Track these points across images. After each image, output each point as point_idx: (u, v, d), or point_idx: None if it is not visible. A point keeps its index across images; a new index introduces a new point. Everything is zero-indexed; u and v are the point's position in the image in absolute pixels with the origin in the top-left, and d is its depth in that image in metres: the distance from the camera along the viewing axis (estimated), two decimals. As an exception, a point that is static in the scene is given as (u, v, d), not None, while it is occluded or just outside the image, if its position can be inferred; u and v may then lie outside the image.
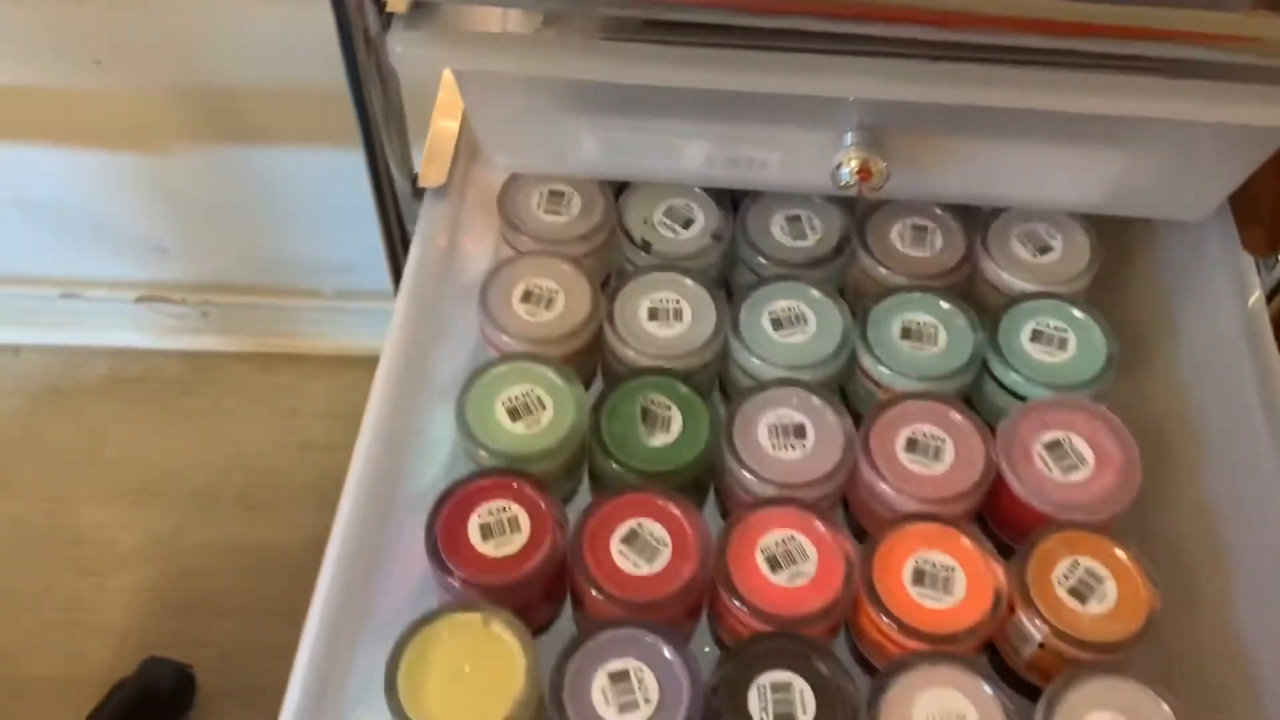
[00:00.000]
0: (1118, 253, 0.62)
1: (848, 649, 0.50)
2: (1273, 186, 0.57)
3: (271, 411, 1.13)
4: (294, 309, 1.14)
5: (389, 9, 0.49)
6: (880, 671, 0.45)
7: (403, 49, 0.49)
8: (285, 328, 1.16)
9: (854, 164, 0.51)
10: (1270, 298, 0.57)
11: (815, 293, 0.55)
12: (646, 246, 0.57)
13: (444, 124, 0.63)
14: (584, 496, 0.54)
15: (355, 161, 0.58)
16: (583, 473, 0.54)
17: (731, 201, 0.63)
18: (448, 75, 0.62)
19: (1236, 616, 0.51)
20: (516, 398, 0.51)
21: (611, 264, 0.60)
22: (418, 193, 0.61)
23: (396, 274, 0.60)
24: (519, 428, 0.50)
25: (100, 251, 1.10)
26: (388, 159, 0.57)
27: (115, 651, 0.99)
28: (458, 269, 0.59)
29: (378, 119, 0.55)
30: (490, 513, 0.48)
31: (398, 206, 0.61)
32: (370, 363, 0.55)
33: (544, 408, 0.51)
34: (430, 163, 0.61)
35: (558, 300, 0.54)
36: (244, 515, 1.07)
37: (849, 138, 0.51)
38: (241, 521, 1.06)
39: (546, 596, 0.49)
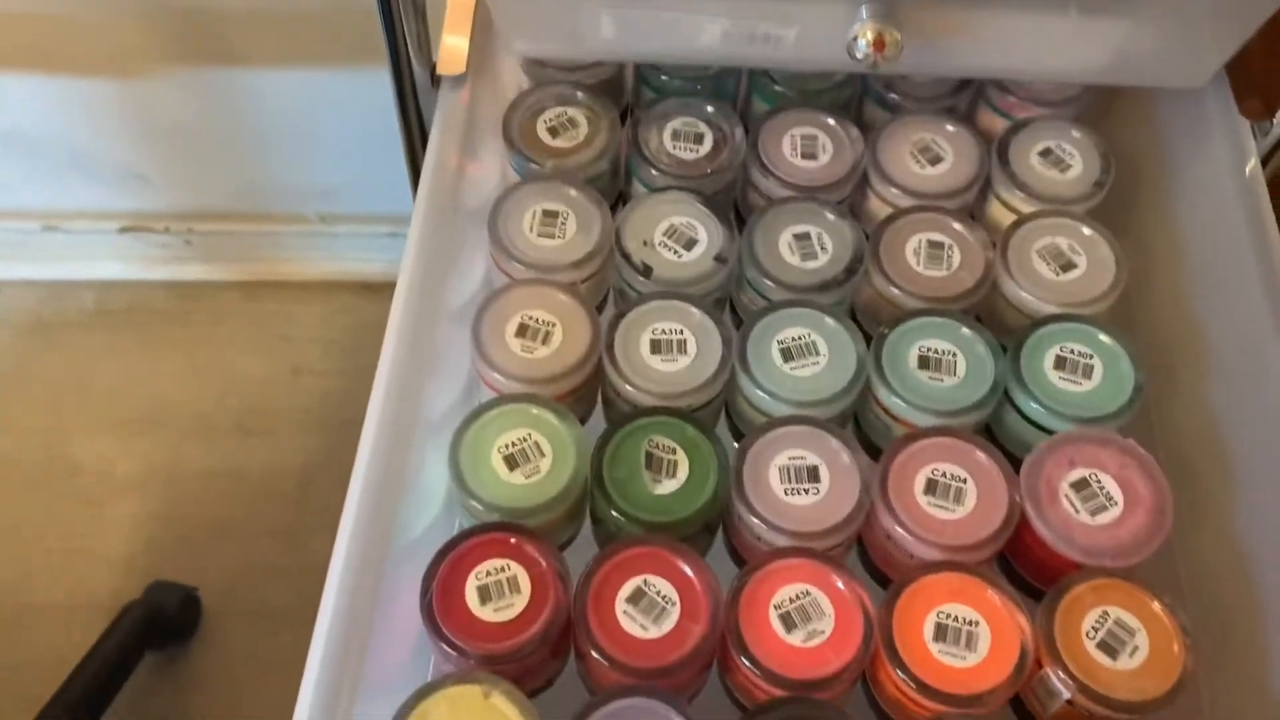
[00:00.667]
0: (1113, 113, 0.64)
1: (864, 698, 0.48)
2: (1267, 53, 0.59)
3: (262, 339, 1.13)
4: (280, 235, 1.14)
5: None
6: (902, 733, 0.43)
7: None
8: (272, 254, 1.15)
9: (869, 35, 0.51)
10: (1265, 162, 0.59)
11: (829, 320, 0.52)
12: (647, 271, 0.54)
13: (458, 10, 0.62)
14: (586, 537, 0.52)
15: (339, 83, 0.56)
16: (584, 516, 0.51)
17: (736, 217, 0.60)
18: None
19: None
20: (514, 444, 0.48)
21: (609, 286, 0.57)
22: (435, 81, 0.61)
23: (414, 170, 0.60)
24: (517, 478, 0.48)
25: (81, 182, 1.08)
26: (408, 48, 0.57)
27: (120, 578, 0.99)
28: (474, 170, 0.59)
29: (399, 6, 0.55)
30: (488, 573, 0.45)
31: (416, 99, 0.61)
32: (358, 287, 0.53)
33: (543, 454, 0.48)
34: (447, 51, 0.61)
35: (554, 334, 0.51)
36: (241, 441, 1.07)
37: (864, 10, 0.51)
38: (238, 447, 1.07)
39: (552, 655, 0.47)
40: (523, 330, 0.51)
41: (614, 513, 0.47)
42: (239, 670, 0.95)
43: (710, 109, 0.59)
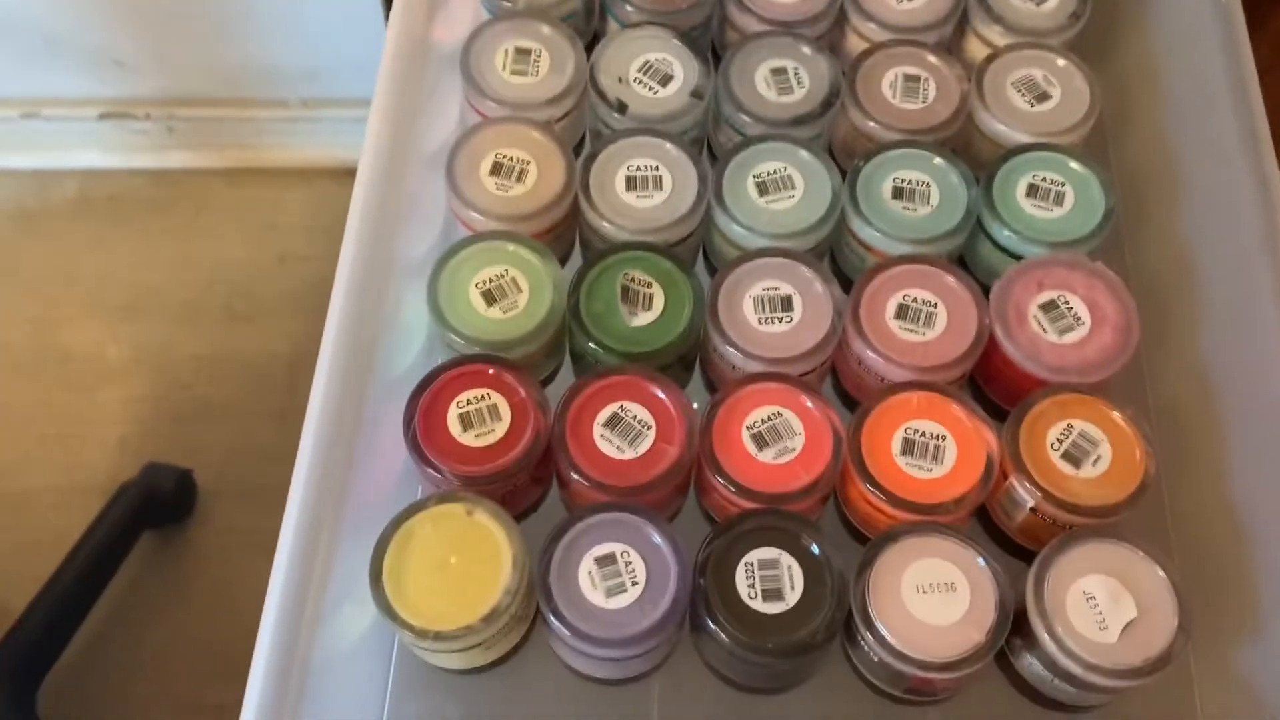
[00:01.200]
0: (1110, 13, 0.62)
1: (838, 519, 0.50)
2: None
3: (247, 226, 1.14)
4: (261, 120, 1.13)
5: None
6: (868, 543, 0.45)
7: None
8: (254, 140, 1.15)
9: None
10: None
11: (804, 154, 0.52)
12: (622, 108, 0.54)
13: None
14: (567, 372, 0.53)
15: None
16: (564, 351, 0.52)
17: (713, 54, 0.60)
18: None
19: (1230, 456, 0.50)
20: (491, 280, 0.49)
21: (585, 127, 0.57)
22: None
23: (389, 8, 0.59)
24: (495, 312, 0.49)
25: (58, 68, 1.07)
26: None
27: (114, 460, 1.02)
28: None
29: None
30: (469, 401, 0.46)
31: None
32: (341, 173, 0.54)
33: (520, 290, 0.49)
34: None
35: (529, 172, 0.51)
36: (230, 326, 1.08)
37: None
38: (228, 332, 1.08)
39: (533, 480, 0.48)
40: (497, 168, 0.51)
41: (591, 345, 0.48)
42: (235, 548, 0.98)
43: (684, -55, 0.58)
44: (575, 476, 0.45)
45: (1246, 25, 0.58)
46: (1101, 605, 0.43)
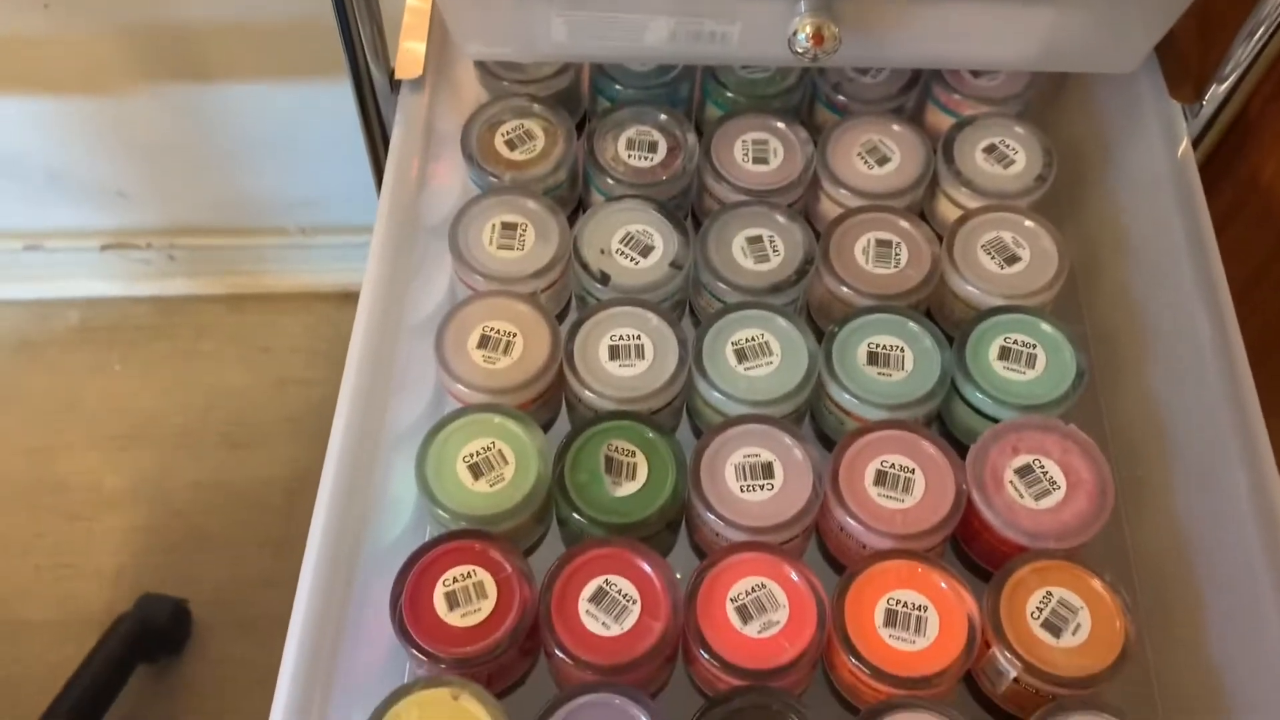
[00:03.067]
0: (1056, 107, 0.67)
1: (825, 684, 0.50)
2: (1194, 36, 0.63)
3: (245, 350, 1.15)
4: (260, 247, 1.16)
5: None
6: (860, 714, 0.45)
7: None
8: (253, 267, 1.17)
9: (808, 29, 0.53)
10: (1196, 144, 0.63)
11: (780, 321, 0.54)
12: (605, 279, 0.56)
13: (415, 16, 0.66)
14: (554, 538, 0.54)
15: (314, 95, 0.57)
16: (551, 519, 0.53)
17: (692, 222, 0.62)
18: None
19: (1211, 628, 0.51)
20: (478, 454, 0.50)
21: (570, 293, 0.59)
22: (394, 85, 0.64)
23: (378, 171, 0.63)
24: (482, 486, 0.50)
25: (61, 201, 1.10)
26: (365, 54, 0.60)
27: (110, 592, 1.01)
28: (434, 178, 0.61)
29: (355, 13, 0.58)
30: (455, 579, 0.47)
31: (377, 103, 0.63)
32: (339, 297, 0.55)
33: (506, 462, 0.50)
34: (405, 55, 0.64)
35: (515, 344, 0.53)
36: (227, 453, 1.09)
37: (802, 5, 0.54)
38: (225, 459, 1.09)
39: (521, 654, 0.48)
40: (484, 341, 0.53)
41: (576, 515, 0.49)
42: (230, 680, 0.97)
43: (663, 117, 0.61)
44: (561, 655, 0.46)
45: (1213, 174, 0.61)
46: (1089, 781, 0.43)
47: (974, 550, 0.52)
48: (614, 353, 0.53)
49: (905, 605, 0.47)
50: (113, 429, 1.11)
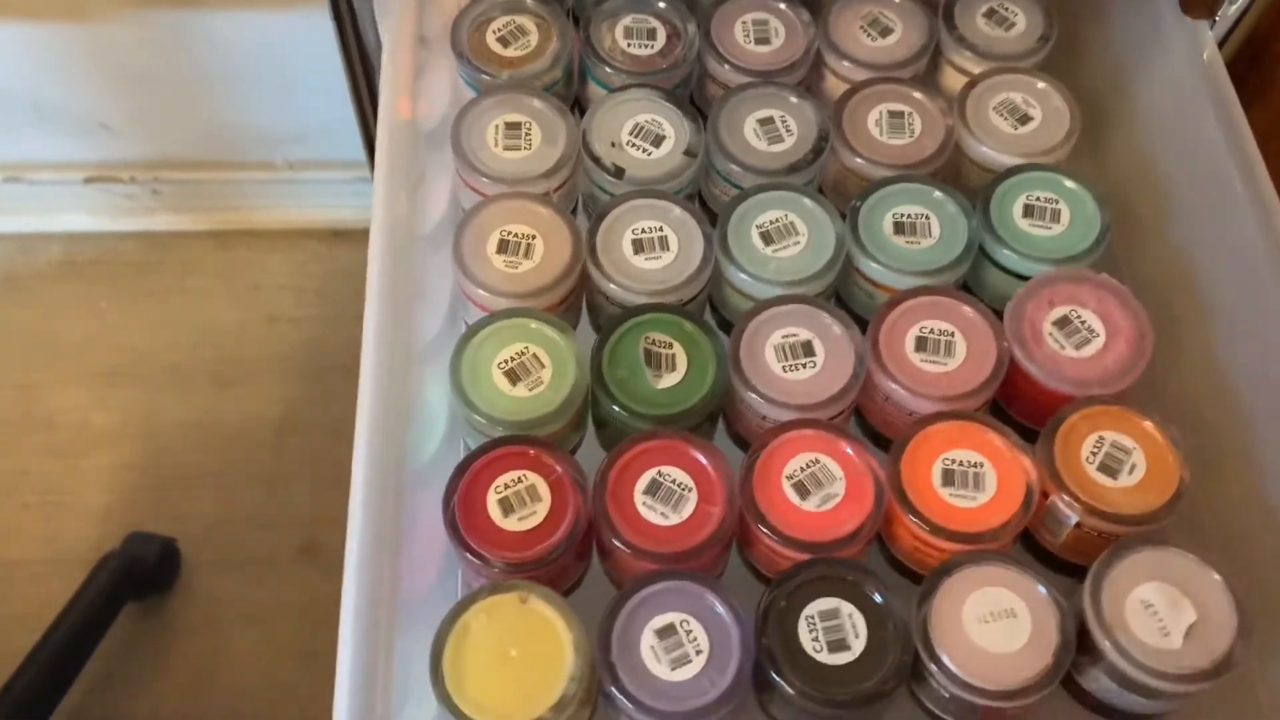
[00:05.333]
0: (1074, 30, 0.63)
1: (882, 558, 0.50)
2: None
3: (234, 288, 1.12)
4: (247, 182, 1.12)
5: None
6: (924, 579, 0.45)
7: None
8: (240, 202, 1.14)
9: None
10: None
11: (805, 200, 0.53)
12: (619, 172, 0.54)
13: None
14: (590, 442, 0.53)
15: (303, 24, 0.54)
16: (586, 426, 0.52)
17: (699, 113, 0.60)
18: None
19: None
20: (513, 359, 0.49)
21: (580, 193, 0.57)
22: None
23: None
24: (520, 391, 0.48)
25: (43, 133, 1.06)
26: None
27: (98, 530, 0.99)
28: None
29: None
30: (507, 485, 0.46)
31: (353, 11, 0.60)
32: (329, 234, 0.53)
33: (543, 366, 0.49)
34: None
35: (536, 247, 0.51)
36: (217, 391, 1.06)
37: None
38: (215, 397, 1.06)
39: (577, 556, 0.48)
40: (504, 246, 0.51)
41: (618, 409, 0.48)
42: (219, 619, 0.95)
43: (661, 4, 0.59)
44: (621, 547, 0.45)
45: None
46: (1161, 612, 0.43)
47: (1016, 409, 0.52)
48: (638, 246, 0.52)
49: (962, 464, 0.47)
50: (100, 366, 1.07)
